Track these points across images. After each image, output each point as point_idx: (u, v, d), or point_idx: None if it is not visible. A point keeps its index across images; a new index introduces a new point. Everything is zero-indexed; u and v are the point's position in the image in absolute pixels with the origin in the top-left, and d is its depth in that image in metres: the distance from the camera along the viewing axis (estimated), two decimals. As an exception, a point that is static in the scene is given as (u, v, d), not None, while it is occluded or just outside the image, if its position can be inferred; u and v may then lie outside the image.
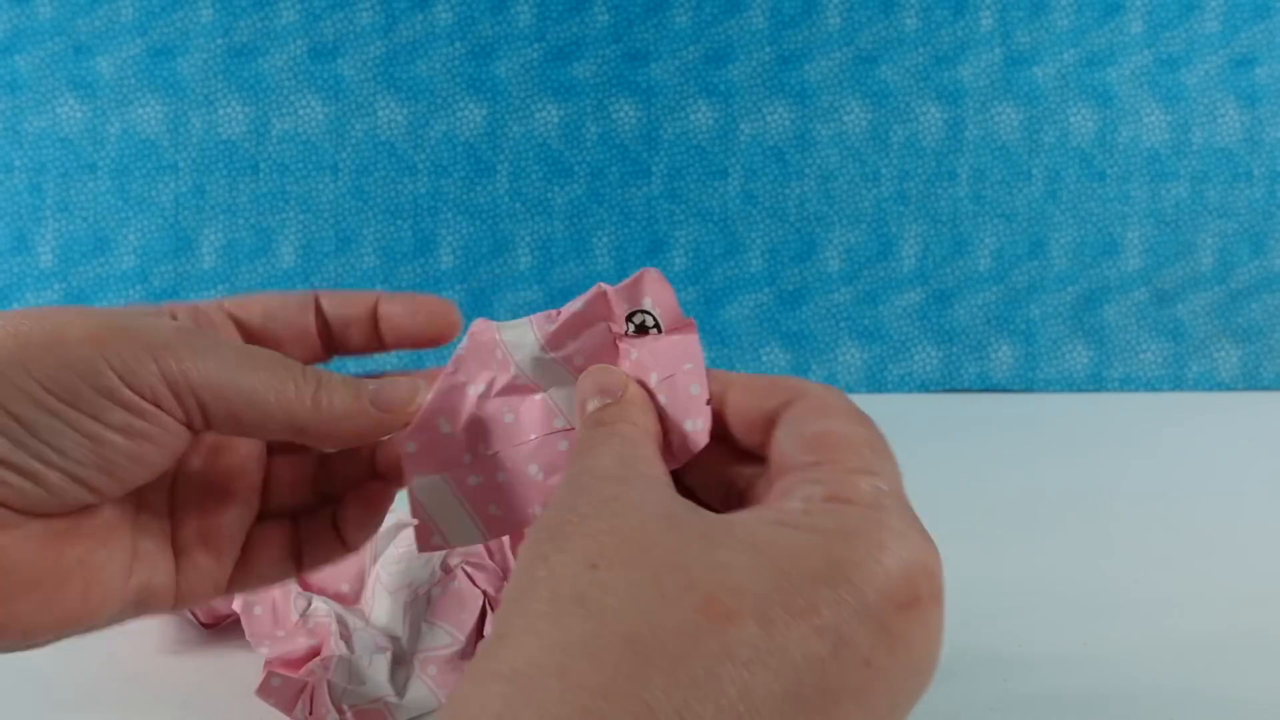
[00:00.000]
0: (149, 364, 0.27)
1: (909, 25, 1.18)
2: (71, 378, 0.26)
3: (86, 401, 0.26)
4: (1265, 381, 1.20)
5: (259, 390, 0.28)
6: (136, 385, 0.27)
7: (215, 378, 0.28)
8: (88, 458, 0.27)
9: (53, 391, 0.26)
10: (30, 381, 0.26)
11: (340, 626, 0.46)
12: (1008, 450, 0.93)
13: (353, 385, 0.30)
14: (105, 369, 0.26)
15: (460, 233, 1.19)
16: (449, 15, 1.17)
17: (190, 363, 0.27)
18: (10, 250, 1.16)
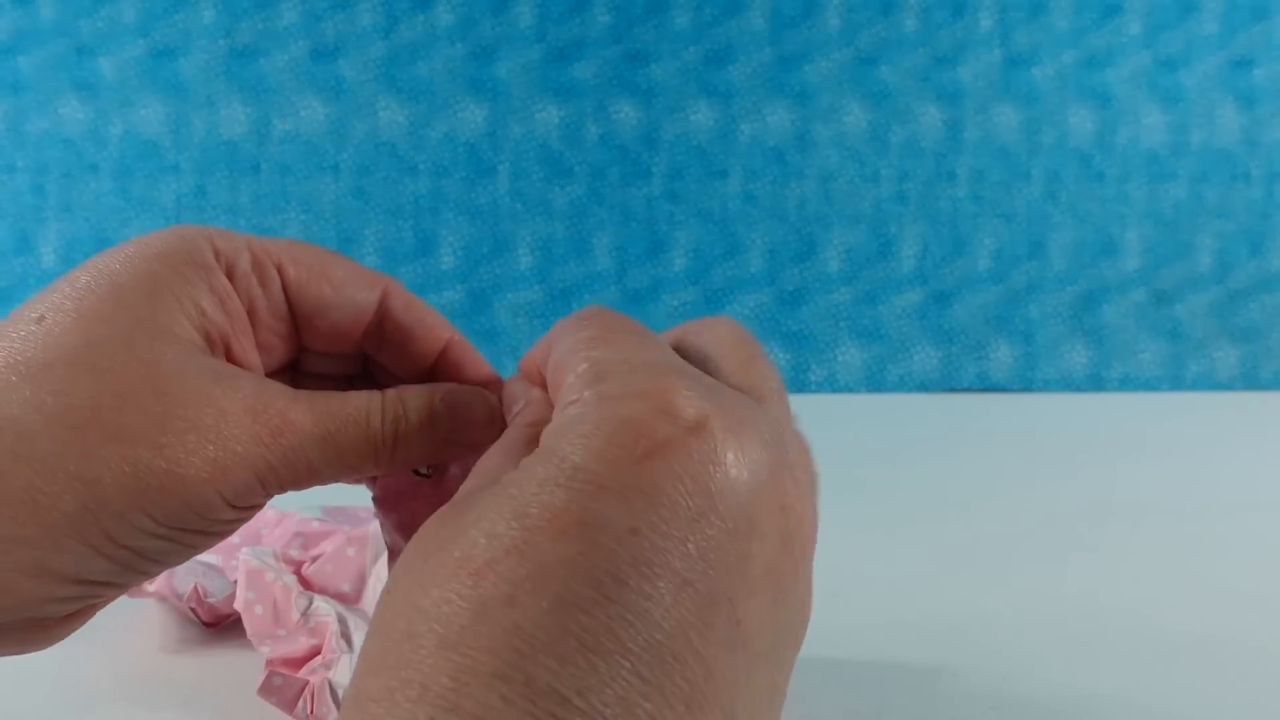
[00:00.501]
0: (254, 485, 0.27)
1: (909, 26, 1.18)
2: (189, 515, 0.26)
3: (197, 525, 0.27)
4: (1264, 381, 1.20)
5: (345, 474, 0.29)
6: (243, 504, 0.27)
7: (305, 476, 0.28)
8: (187, 555, 0.28)
9: (169, 525, 0.26)
10: (148, 521, 0.25)
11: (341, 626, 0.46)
12: (1007, 450, 0.93)
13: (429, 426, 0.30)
14: (219, 500, 0.26)
15: (460, 233, 1.19)
16: (450, 16, 1.17)
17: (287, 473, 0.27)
18: (12, 250, 1.16)
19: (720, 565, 0.19)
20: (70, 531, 0.24)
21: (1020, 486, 0.79)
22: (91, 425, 0.25)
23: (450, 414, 0.30)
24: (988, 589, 0.57)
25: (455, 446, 0.30)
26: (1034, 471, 0.84)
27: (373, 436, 0.28)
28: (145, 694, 0.46)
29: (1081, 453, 0.91)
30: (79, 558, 0.25)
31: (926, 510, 0.72)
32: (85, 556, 0.25)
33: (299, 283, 0.31)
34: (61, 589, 0.25)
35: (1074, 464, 0.87)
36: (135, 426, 0.25)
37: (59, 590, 0.25)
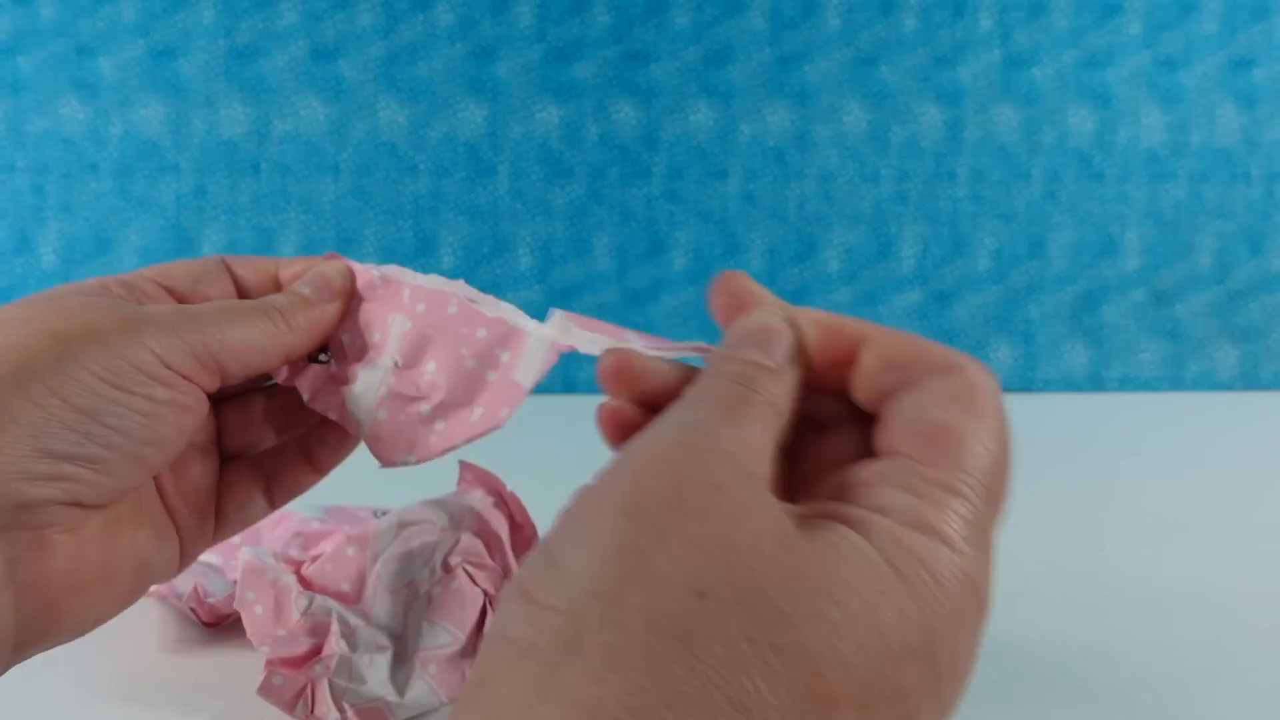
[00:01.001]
0: (177, 342, 0.29)
1: (909, 26, 1.18)
2: (120, 363, 0.28)
3: (136, 382, 0.28)
4: (1263, 381, 1.20)
5: (256, 338, 0.32)
6: (173, 362, 0.29)
7: (226, 342, 0.31)
8: (146, 435, 0.29)
9: (107, 379, 0.28)
10: (85, 373, 0.27)
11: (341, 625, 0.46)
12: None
13: (294, 296, 0.33)
14: (146, 352, 0.29)
15: (460, 233, 1.19)
16: (449, 16, 1.17)
17: (206, 334, 0.30)
18: (12, 250, 1.16)
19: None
20: (16, 393, 0.26)
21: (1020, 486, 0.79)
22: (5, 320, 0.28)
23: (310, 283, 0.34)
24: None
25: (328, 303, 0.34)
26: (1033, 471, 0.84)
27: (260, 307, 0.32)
28: (145, 694, 0.46)
29: (1081, 453, 0.91)
30: (32, 419, 0.27)
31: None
32: (37, 419, 0.27)
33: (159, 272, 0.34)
34: (28, 459, 0.26)
35: (1074, 464, 0.87)
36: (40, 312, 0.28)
37: (26, 460, 0.26)
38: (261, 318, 0.32)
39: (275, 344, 0.32)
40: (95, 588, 0.30)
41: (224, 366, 0.31)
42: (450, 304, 0.33)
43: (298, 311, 0.33)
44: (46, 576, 0.28)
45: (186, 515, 0.34)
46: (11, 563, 0.27)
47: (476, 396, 0.32)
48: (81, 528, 0.29)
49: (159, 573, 0.33)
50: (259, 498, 0.36)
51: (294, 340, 0.33)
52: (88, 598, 0.29)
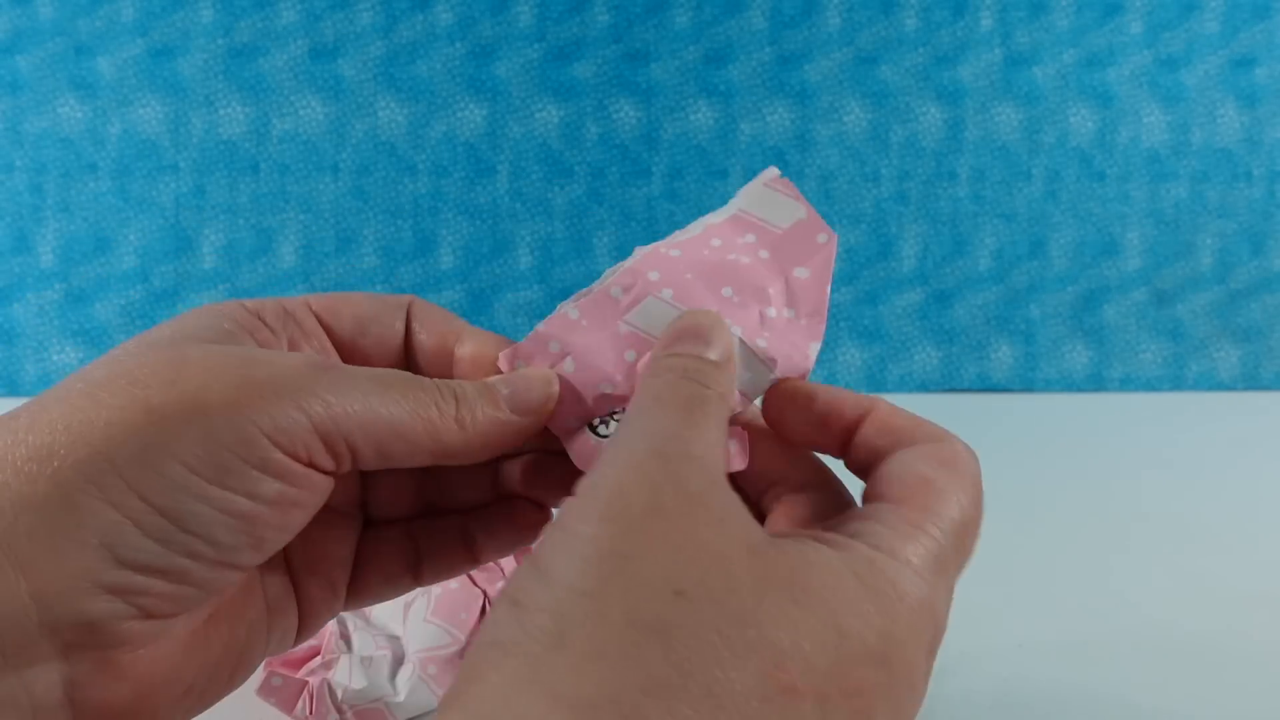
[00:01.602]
0: (299, 417, 0.24)
1: (909, 25, 1.18)
2: (222, 453, 0.23)
3: (238, 478, 0.23)
4: (1265, 381, 1.20)
5: (406, 422, 0.25)
6: (290, 447, 0.24)
7: (363, 418, 0.25)
8: (239, 540, 0.24)
9: (201, 474, 0.23)
10: (175, 466, 0.22)
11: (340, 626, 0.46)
12: (1007, 450, 0.92)
13: (487, 393, 0.27)
14: (257, 435, 0.23)
15: (460, 233, 1.19)
16: (449, 15, 1.17)
17: (337, 406, 0.24)
18: (11, 250, 1.16)
19: None
20: (86, 485, 0.22)
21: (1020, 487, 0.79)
22: (102, 383, 0.23)
23: (509, 385, 0.28)
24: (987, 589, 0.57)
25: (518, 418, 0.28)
26: (1034, 472, 0.84)
27: (429, 388, 0.27)
28: (143, 695, 0.46)
29: (1082, 453, 0.91)
30: (103, 521, 0.22)
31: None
32: (110, 520, 0.22)
33: (327, 307, 0.29)
34: (96, 569, 0.22)
35: (1075, 464, 0.86)
36: (147, 373, 0.23)
37: (94, 571, 0.22)
38: (421, 404, 0.26)
39: (429, 438, 0.26)
40: (173, 703, 0.25)
41: (357, 452, 0.25)
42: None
43: (473, 409, 0.27)
44: (111, 700, 0.23)
45: (312, 587, 0.29)
46: (72, 687, 0.23)
47: None
48: (158, 641, 0.24)
49: (267, 655, 0.28)
50: (404, 576, 0.31)
51: (454, 442, 0.27)
52: (162, 713, 0.25)
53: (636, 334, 0.29)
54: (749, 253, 0.31)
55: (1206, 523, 0.69)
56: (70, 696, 0.23)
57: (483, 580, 0.46)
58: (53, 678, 0.22)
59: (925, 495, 0.25)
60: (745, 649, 0.20)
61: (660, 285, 0.29)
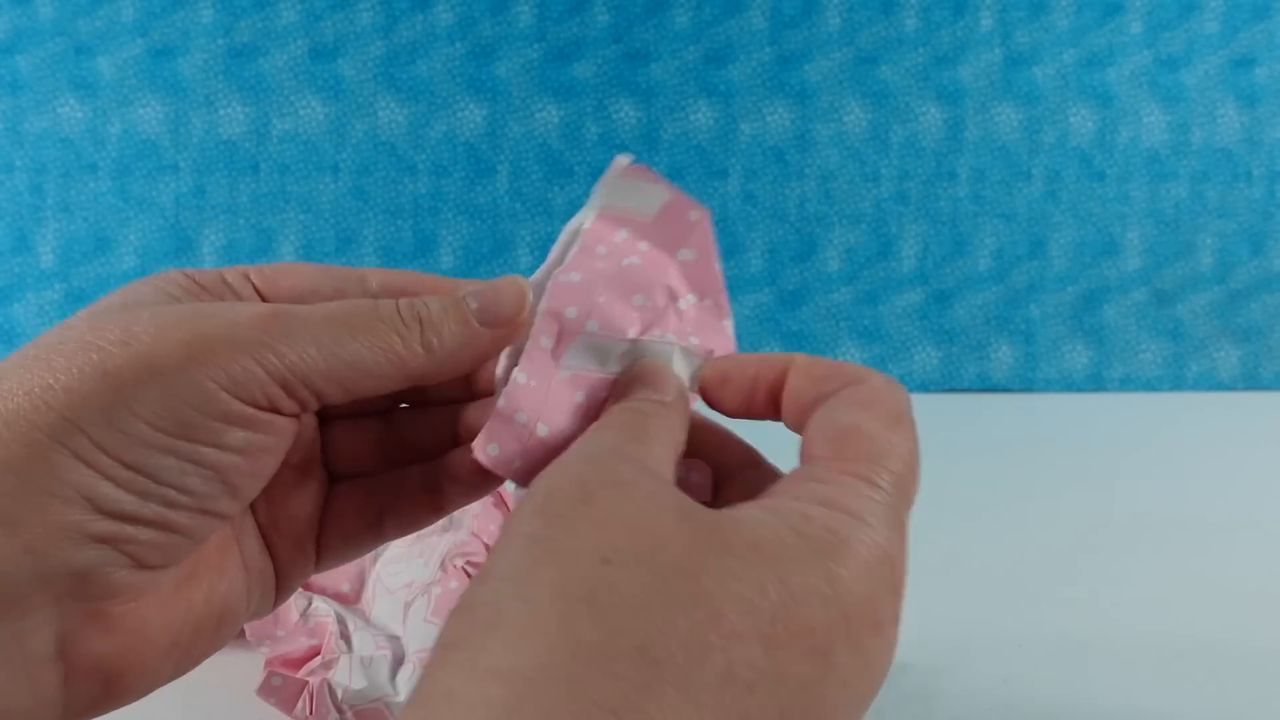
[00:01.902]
0: (254, 369, 0.24)
1: (909, 25, 1.18)
2: (181, 408, 0.23)
3: (202, 430, 0.24)
4: (1265, 381, 1.20)
5: (367, 357, 0.25)
6: (249, 396, 0.24)
7: (322, 361, 0.25)
8: (214, 488, 0.24)
9: (164, 429, 0.23)
10: (138, 424, 0.23)
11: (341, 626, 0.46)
12: (1007, 450, 0.93)
13: (454, 309, 0.27)
14: (214, 389, 0.23)
15: (460, 233, 1.19)
16: (449, 15, 1.17)
17: (293, 354, 0.24)
18: (11, 250, 1.16)
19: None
20: (56, 445, 0.22)
21: (1020, 487, 0.79)
22: (56, 347, 0.23)
23: (478, 298, 0.27)
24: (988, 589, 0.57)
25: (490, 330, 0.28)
26: (1034, 472, 0.84)
27: (388, 317, 0.26)
28: (143, 695, 0.46)
29: (1082, 453, 0.91)
30: (79, 477, 0.22)
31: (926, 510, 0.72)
32: (86, 476, 0.23)
33: (266, 279, 0.29)
34: (82, 520, 0.23)
35: (1075, 464, 0.86)
36: (101, 338, 0.23)
37: (81, 522, 0.23)
38: (386, 331, 0.26)
39: (394, 368, 0.26)
40: (161, 657, 0.26)
41: (321, 393, 0.25)
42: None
43: (439, 331, 0.26)
44: (102, 651, 0.24)
45: (284, 547, 0.29)
46: (63, 640, 0.23)
47: None
48: (147, 593, 0.25)
49: (248, 617, 0.29)
50: (367, 532, 0.31)
51: (423, 367, 0.26)
52: (152, 667, 0.25)
53: (577, 375, 0.29)
54: (632, 251, 0.31)
55: (1207, 523, 0.69)
56: (62, 650, 0.23)
57: (483, 580, 0.46)
58: (45, 631, 0.23)
59: (856, 444, 0.24)
60: (679, 603, 0.20)
61: (582, 320, 0.29)
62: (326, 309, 0.26)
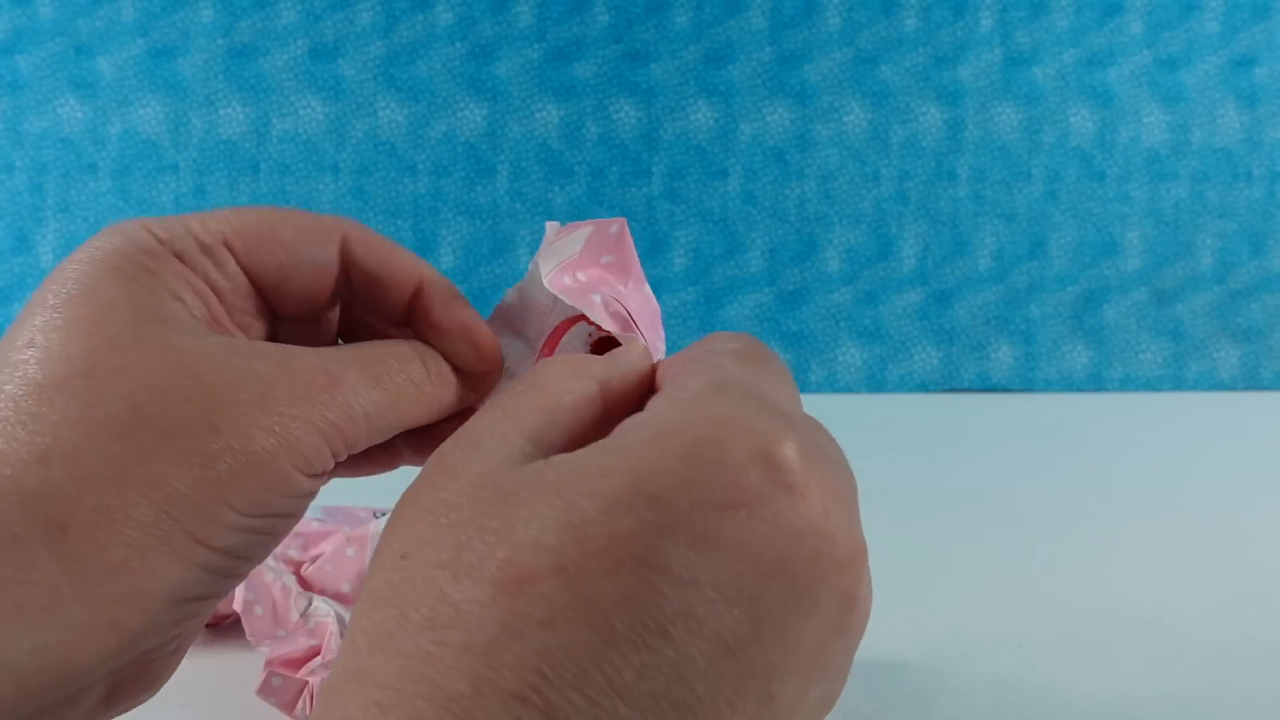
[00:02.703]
0: (320, 444, 0.25)
1: (909, 25, 1.18)
2: (269, 497, 0.24)
3: (280, 506, 0.25)
4: (1265, 381, 1.20)
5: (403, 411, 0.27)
6: (314, 471, 0.25)
7: (367, 424, 0.26)
8: (268, 549, 0.26)
9: (251, 512, 0.24)
10: (230, 513, 0.23)
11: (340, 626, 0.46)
12: (1007, 450, 0.93)
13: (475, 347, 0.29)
14: (295, 474, 0.24)
15: (460, 233, 1.19)
16: (449, 15, 1.17)
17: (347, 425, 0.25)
18: (11, 250, 1.16)
19: (770, 639, 0.19)
20: (155, 544, 0.22)
21: (1020, 487, 0.79)
22: (138, 428, 0.23)
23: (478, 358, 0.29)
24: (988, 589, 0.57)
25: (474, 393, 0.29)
26: (1034, 472, 0.84)
27: (416, 377, 0.27)
28: (143, 695, 0.46)
29: (1082, 453, 0.91)
30: (171, 573, 0.23)
31: (926, 510, 0.72)
32: (177, 570, 0.23)
33: (250, 254, 0.28)
34: (163, 613, 0.23)
35: (1075, 464, 0.86)
36: (183, 418, 0.23)
37: (161, 615, 0.23)
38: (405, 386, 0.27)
39: (428, 410, 0.28)
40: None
41: (354, 445, 0.26)
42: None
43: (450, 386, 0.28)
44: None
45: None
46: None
47: None
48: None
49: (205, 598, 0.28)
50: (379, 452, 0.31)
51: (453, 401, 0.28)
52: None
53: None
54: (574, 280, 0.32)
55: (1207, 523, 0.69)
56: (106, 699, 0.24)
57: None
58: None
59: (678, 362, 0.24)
60: (466, 569, 0.19)
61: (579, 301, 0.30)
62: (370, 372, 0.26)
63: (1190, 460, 0.88)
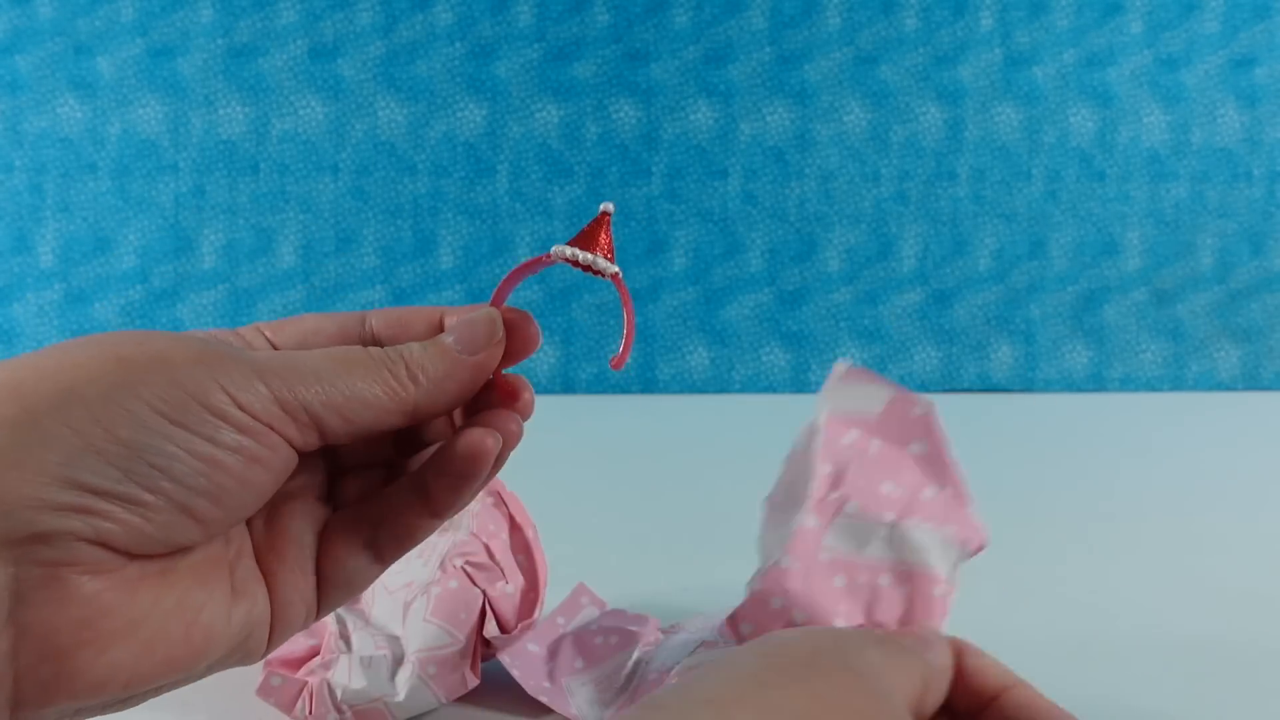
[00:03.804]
0: (258, 385, 0.26)
1: (909, 25, 1.18)
2: (182, 396, 0.24)
3: (198, 420, 0.25)
4: (1264, 381, 1.20)
5: (364, 391, 0.27)
6: (249, 405, 0.25)
7: (321, 391, 0.27)
8: (199, 483, 0.25)
9: (163, 412, 0.24)
10: (139, 402, 0.24)
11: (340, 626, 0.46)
12: (1008, 450, 0.93)
13: (434, 345, 0.29)
14: (216, 388, 0.25)
15: (460, 233, 1.19)
16: (449, 15, 1.17)
17: (295, 380, 0.26)
18: (11, 250, 1.16)
19: None
20: (52, 412, 0.23)
21: (1021, 486, 0.79)
22: (74, 344, 0.25)
23: (454, 332, 0.30)
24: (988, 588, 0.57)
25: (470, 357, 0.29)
26: (1035, 471, 0.84)
27: (379, 357, 0.28)
28: (143, 695, 0.46)
29: (1082, 453, 0.91)
30: (66, 445, 0.23)
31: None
32: (72, 444, 0.23)
33: (273, 328, 0.30)
34: (54, 485, 0.23)
35: (1075, 464, 0.86)
36: (121, 336, 0.25)
37: (52, 486, 0.23)
38: (378, 368, 0.28)
39: (394, 400, 0.28)
40: (118, 643, 0.25)
41: (321, 421, 0.27)
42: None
43: (424, 363, 0.29)
44: (55, 622, 0.24)
45: (282, 572, 0.29)
46: (17, 600, 0.23)
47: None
48: (108, 572, 0.24)
49: (230, 640, 0.27)
50: (360, 552, 0.30)
51: (420, 397, 0.28)
52: (108, 654, 0.24)
53: (837, 559, 0.32)
54: (867, 446, 0.34)
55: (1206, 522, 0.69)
56: (12, 614, 0.23)
57: (482, 580, 0.46)
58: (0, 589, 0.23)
59: None
60: None
61: (842, 501, 0.32)
62: (326, 351, 0.28)
63: (1190, 460, 0.88)
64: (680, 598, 0.52)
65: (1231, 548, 0.65)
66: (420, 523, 0.30)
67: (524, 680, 0.42)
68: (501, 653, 0.44)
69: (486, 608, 0.47)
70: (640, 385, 1.15)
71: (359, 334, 0.31)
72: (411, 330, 0.31)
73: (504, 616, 0.46)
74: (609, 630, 0.45)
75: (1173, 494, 0.77)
